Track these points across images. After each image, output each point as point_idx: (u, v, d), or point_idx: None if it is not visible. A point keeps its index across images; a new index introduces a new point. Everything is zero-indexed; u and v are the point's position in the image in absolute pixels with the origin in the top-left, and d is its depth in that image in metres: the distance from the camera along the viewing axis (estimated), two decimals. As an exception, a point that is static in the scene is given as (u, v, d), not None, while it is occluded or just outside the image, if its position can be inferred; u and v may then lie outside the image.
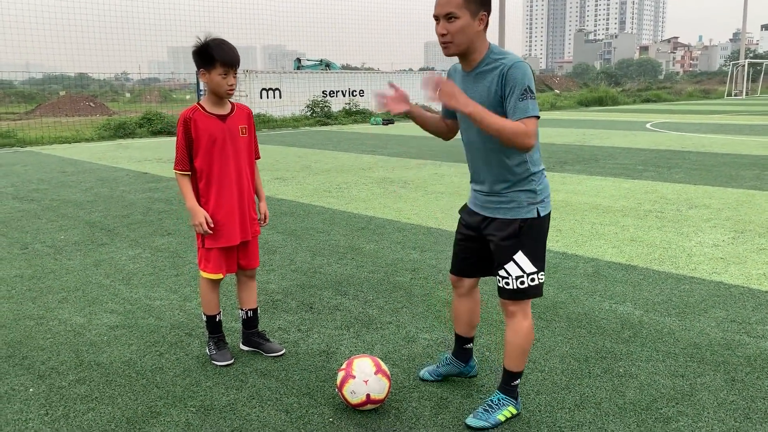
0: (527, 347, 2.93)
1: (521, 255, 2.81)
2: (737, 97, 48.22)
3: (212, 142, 3.40)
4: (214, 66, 3.29)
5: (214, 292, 3.63)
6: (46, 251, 6.17)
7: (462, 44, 2.69)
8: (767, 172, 10.36)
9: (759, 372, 3.38)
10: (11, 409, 3.12)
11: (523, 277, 2.83)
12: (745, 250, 5.76)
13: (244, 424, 2.96)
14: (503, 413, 2.91)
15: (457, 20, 2.63)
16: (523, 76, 2.59)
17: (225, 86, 3.34)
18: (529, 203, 2.80)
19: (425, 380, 3.34)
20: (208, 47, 3.29)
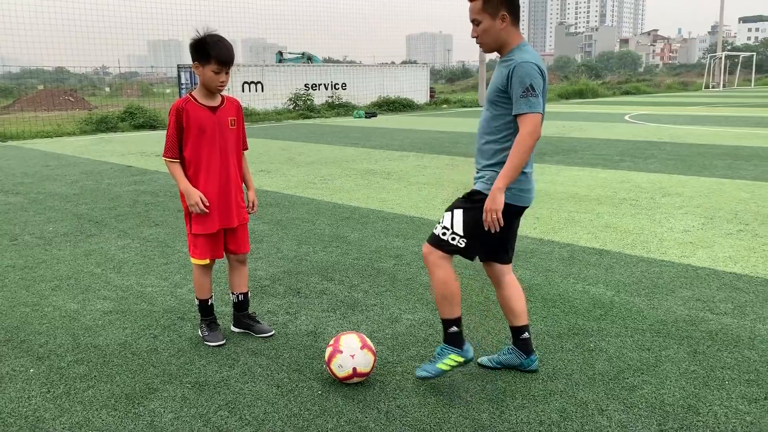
0: (446, 293, 3.10)
1: (459, 213, 3.08)
2: (715, 89, 48.95)
3: (202, 132, 3.55)
4: (208, 62, 3.44)
5: (206, 276, 3.80)
6: (36, 242, 6.28)
7: (490, 43, 3.00)
8: (739, 161, 10.69)
9: (719, 345, 3.62)
10: (14, 388, 3.27)
11: (447, 231, 3.08)
12: (714, 234, 6.03)
13: (237, 397, 3.14)
14: (445, 362, 3.14)
15: (481, 23, 2.97)
16: (524, 76, 2.84)
17: (216, 82, 3.49)
18: (493, 182, 3.01)
19: (483, 366, 3.38)
20: (205, 43, 3.43)
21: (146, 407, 3.05)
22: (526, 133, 2.87)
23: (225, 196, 3.66)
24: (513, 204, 3.07)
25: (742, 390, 3.11)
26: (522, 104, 2.85)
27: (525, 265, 5.14)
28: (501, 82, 2.95)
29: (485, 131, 3.09)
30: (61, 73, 47.21)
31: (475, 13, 2.97)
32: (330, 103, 27.22)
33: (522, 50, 2.96)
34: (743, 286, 4.60)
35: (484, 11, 2.94)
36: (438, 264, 3.11)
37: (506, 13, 2.93)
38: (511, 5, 2.94)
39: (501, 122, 3.00)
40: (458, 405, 3.03)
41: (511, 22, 2.96)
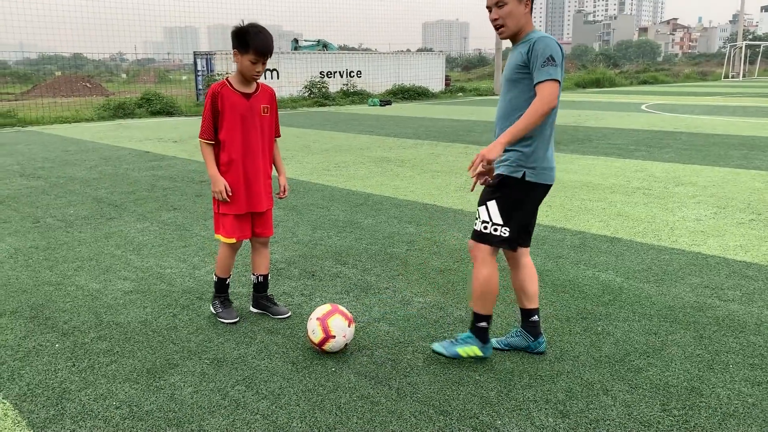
0: (486, 292, 3.20)
1: (494, 204, 3.11)
2: (734, 79, 48.37)
3: (235, 116, 3.67)
4: (247, 51, 3.55)
5: (231, 256, 3.94)
6: (58, 225, 6.44)
7: (513, 27, 3.04)
8: (754, 151, 10.64)
9: (725, 330, 3.69)
10: (40, 362, 3.41)
11: (487, 224, 3.13)
12: (725, 223, 6.06)
13: (254, 373, 3.26)
14: (465, 349, 3.26)
15: (506, 5, 3.00)
16: (545, 47, 2.91)
17: (253, 72, 3.61)
18: (518, 164, 3.06)
19: (492, 348, 3.42)
20: (246, 32, 3.55)
21: (167, 381, 3.18)
22: (541, 98, 2.88)
23: (254, 180, 3.79)
24: (541, 183, 3.12)
25: (746, 374, 3.18)
26: (542, 73, 2.89)
27: (536, 252, 5.21)
28: (520, 59, 3.00)
29: (506, 112, 3.12)
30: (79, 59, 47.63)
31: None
32: (345, 91, 27.27)
33: (537, 32, 3.04)
34: (753, 274, 4.65)
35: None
36: (486, 261, 3.18)
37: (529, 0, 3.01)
38: None
39: (523, 99, 3.03)
40: (467, 383, 3.12)
41: (530, 10, 3.05)
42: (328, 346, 3.39)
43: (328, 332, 3.37)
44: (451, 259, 5.08)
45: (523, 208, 3.15)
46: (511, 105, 3.08)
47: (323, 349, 3.41)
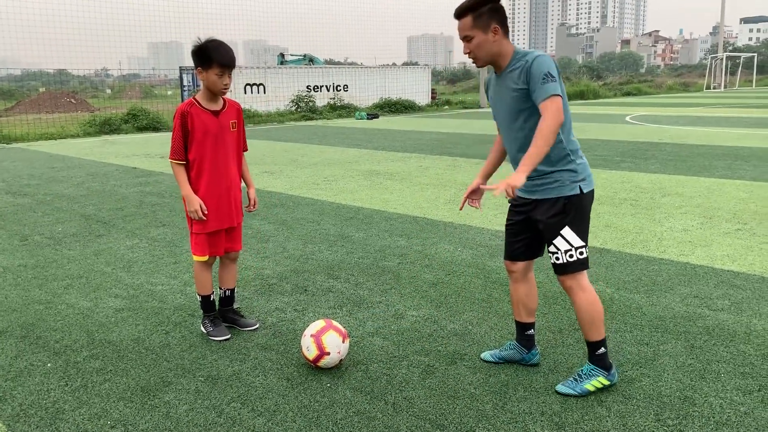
0: (595, 316, 3.11)
1: (568, 230, 3.05)
2: (716, 89, 49.03)
3: (205, 135, 3.69)
4: (211, 66, 3.57)
5: (206, 273, 3.94)
6: (46, 242, 6.40)
7: (484, 57, 3.01)
8: (738, 161, 10.79)
9: (716, 340, 3.73)
10: (33, 382, 3.38)
11: (572, 251, 3.05)
12: (712, 234, 6.13)
13: (249, 390, 3.25)
14: (592, 383, 3.11)
15: (473, 39, 2.98)
16: (540, 66, 2.86)
17: (220, 85, 3.63)
18: (572, 181, 3.03)
19: (486, 361, 3.47)
20: (206, 48, 3.57)
21: (161, 399, 3.17)
22: (548, 115, 2.83)
23: (225, 198, 3.81)
24: (591, 189, 3.10)
25: (737, 382, 3.22)
26: (541, 91, 2.85)
27: (527, 264, 5.24)
28: (521, 87, 2.94)
29: (522, 141, 3.05)
30: (63, 75, 47.38)
31: (466, 30, 2.98)
32: (332, 105, 27.35)
33: (524, 53, 2.98)
34: (740, 283, 4.71)
35: (475, 27, 2.95)
36: (583, 286, 3.12)
37: (497, 25, 2.96)
38: (500, 16, 2.97)
39: (534, 123, 2.97)
40: (462, 397, 3.13)
41: (503, 34, 2.98)
42: (322, 362, 3.40)
43: (322, 349, 3.37)
44: (443, 272, 5.10)
45: (587, 219, 3.13)
46: (527, 138, 3.00)
47: (318, 365, 3.42)
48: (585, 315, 3.13)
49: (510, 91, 3.01)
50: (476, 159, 11.96)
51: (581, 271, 3.11)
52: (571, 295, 3.15)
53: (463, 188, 8.85)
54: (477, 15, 2.94)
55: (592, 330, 3.14)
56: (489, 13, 2.95)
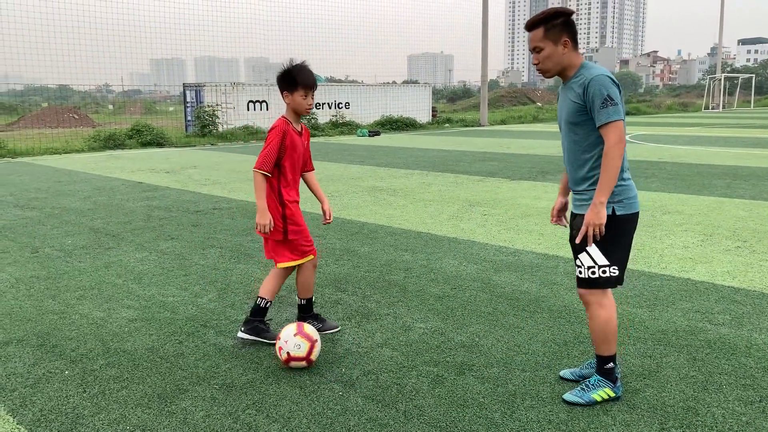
0: (608, 333, 3.17)
1: (595, 248, 3.07)
2: (714, 110, 49.38)
3: (294, 152, 3.97)
4: (296, 88, 3.84)
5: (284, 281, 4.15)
6: (57, 255, 6.49)
7: (552, 69, 3.10)
8: (737, 181, 10.92)
9: (717, 353, 3.82)
10: (51, 388, 3.47)
11: (594, 268, 3.09)
12: (713, 251, 6.24)
13: (264, 397, 3.33)
14: (599, 393, 3.19)
15: (543, 51, 3.06)
16: (600, 87, 2.94)
17: (305, 105, 3.90)
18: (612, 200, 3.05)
19: (565, 378, 3.46)
20: (291, 72, 3.84)
21: (178, 406, 3.25)
22: (613, 141, 2.92)
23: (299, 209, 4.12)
24: (630, 213, 3.12)
25: (739, 393, 3.31)
26: (603, 115, 2.93)
27: (531, 279, 5.35)
28: (578, 101, 3.03)
29: (574, 154, 3.15)
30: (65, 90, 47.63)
31: (537, 41, 3.05)
32: (334, 122, 27.57)
33: (588, 68, 3.05)
34: (741, 299, 4.80)
35: (547, 38, 3.03)
36: (602, 304, 3.17)
37: (568, 38, 3.03)
38: (571, 30, 3.04)
39: (592, 139, 3.06)
40: (472, 405, 3.22)
41: (573, 47, 3.05)
42: (315, 353, 3.62)
43: (311, 338, 3.63)
44: (448, 286, 5.20)
45: (621, 242, 3.11)
46: (578, 147, 3.12)
47: (311, 359, 3.60)
48: (599, 330, 3.20)
49: (569, 102, 3.09)
50: (478, 176, 12.10)
51: (603, 288, 3.14)
52: (588, 309, 3.22)
53: (466, 204, 8.96)
54: (549, 27, 3.03)
55: (604, 345, 3.23)
56: (561, 26, 3.03)
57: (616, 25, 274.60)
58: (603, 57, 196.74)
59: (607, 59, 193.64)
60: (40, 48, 31.86)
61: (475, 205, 8.97)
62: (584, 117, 3.04)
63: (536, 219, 7.83)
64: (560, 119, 3.24)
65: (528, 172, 12.57)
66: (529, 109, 41.38)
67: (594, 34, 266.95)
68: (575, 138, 3.12)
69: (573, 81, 3.09)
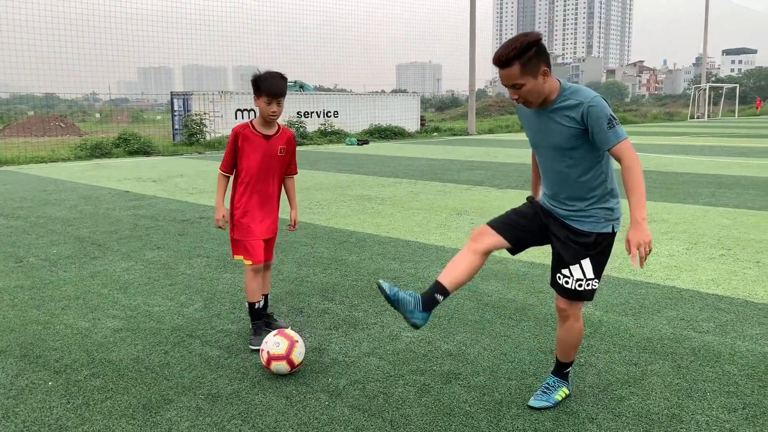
0: (577, 343, 3.30)
1: (588, 262, 3.07)
2: (699, 119, 49.87)
3: (254, 154, 4.07)
4: (260, 94, 3.96)
5: (257, 280, 4.19)
6: (41, 264, 6.44)
7: (536, 100, 2.94)
8: (722, 189, 11.03)
9: (702, 360, 3.85)
10: (35, 399, 3.43)
11: (582, 281, 3.09)
12: (697, 259, 6.29)
13: (249, 408, 3.32)
14: (559, 393, 3.32)
15: (524, 86, 2.86)
16: (602, 109, 2.84)
17: (268, 112, 4.00)
18: (607, 219, 3.07)
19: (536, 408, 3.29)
20: (258, 78, 3.96)
21: (163, 416, 3.23)
22: (631, 159, 2.85)
23: (267, 211, 4.18)
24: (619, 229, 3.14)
25: (723, 401, 3.33)
26: (612, 136, 2.84)
27: (518, 287, 5.37)
28: (573, 126, 2.91)
29: (571, 179, 3.04)
30: (51, 99, 47.31)
31: (515, 78, 2.85)
32: (322, 131, 27.58)
33: (574, 90, 2.93)
34: (725, 306, 4.85)
35: (525, 74, 2.83)
36: (578, 317, 3.23)
37: (546, 66, 2.87)
38: (546, 56, 2.87)
39: (588, 162, 2.99)
40: (458, 414, 3.22)
41: (550, 73, 2.91)
42: (295, 353, 3.62)
43: (290, 338, 3.65)
44: (436, 295, 5.20)
45: (609, 256, 3.16)
46: (573, 171, 3.02)
47: (291, 359, 3.61)
48: (571, 341, 3.29)
49: (560, 127, 2.95)
50: (466, 185, 12.14)
51: (584, 302, 3.20)
52: (565, 320, 3.24)
53: (453, 213, 8.99)
54: (525, 61, 2.82)
55: (570, 353, 3.35)
56: (537, 57, 2.83)
57: (603, 35, 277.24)
58: (590, 67, 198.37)
59: (593, 69, 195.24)
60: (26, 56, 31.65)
61: (463, 213, 9.00)
62: (581, 141, 2.94)
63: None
64: (541, 144, 3.10)
65: (515, 181, 12.63)
66: (517, 119, 41.44)
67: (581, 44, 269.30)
68: (570, 162, 3.00)
69: (559, 105, 2.94)
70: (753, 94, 78.44)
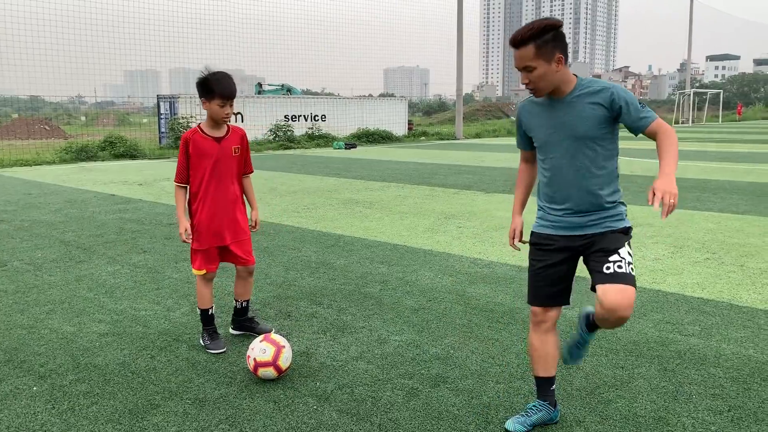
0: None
1: (627, 247, 2.94)
2: (684, 124, 50.33)
3: (205, 159, 3.93)
4: (213, 97, 3.80)
5: (206, 287, 4.14)
6: (26, 268, 6.38)
7: (545, 88, 2.84)
8: (706, 194, 11.14)
9: (687, 363, 3.88)
10: (19, 405, 3.39)
11: (632, 263, 2.92)
12: (683, 263, 6.34)
13: (236, 412, 3.30)
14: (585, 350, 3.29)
15: (535, 70, 2.78)
16: (628, 93, 2.84)
17: (222, 114, 3.87)
18: (624, 215, 3.02)
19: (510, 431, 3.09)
20: (208, 80, 3.80)
21: (150, 422, 3.20)
22: (670, 130, 2.79)
23: (222, 218, 4.03)
24: None
25: (708, 403, 3.36)
26: (648, 113, 2.80)
27: (505, 290, 5.38)
28: (601, 113, 2.84)
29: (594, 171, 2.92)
30: (36, 101, 46.90)
31: (528, 60, 2.77)
32: (310, 134, 27.55)
33: (593, 80, 2.89)
34: (710, 309, 4.89)
35: (539, 57, 2.76)
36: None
37: (561, 54, 2.79)
38: (563, 44, 2.81)
39: (608, 152, 2.93)
40: (446, 418, 3.22)
41: (565, 62, 2.82)
42: (282, 359, 3.60)
43: (277, 344, 3.63)
44: (424, 298, 5.21)
45: None
46: (593, 164, 2.90)
47: (278, 365, 3.59)
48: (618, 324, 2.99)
49: (586, 114, 2.85)
50: (454, 189, 12.17)
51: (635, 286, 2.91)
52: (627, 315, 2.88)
53: (441, 217, 9.00)
54: (540, 44, 2.75)
55: None
56: (553, 41, 2.77)
57: (588, 40, 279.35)
58: (576, 71, 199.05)
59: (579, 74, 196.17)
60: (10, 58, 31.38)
61: (451, 217, 9.02)
62: (607, 129, 2.86)
63: (510, 231, 7.88)
64: (558, 140, 2.93)
65: (502, 185, 12.68)
66: (504, 123, 41.80)
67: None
68: (591, 154, 2.88)
69: (581, 93, 2.86)
70: (736, 100, 79.32)
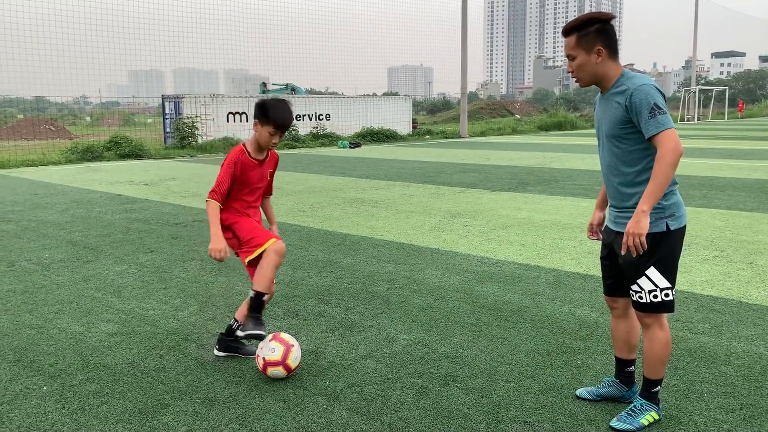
0: (665, 357, 3.04)
1: (653, 270, 2.91)
2: (689, 122, 50.16)
3: (248, 181, 3.87)
4: (267, 123, 3.72)
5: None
6: (34, 268, 6.39)
7: (586, 78, 2.95)
8: (713, 191, 11.09)
9: (698, 361, 3.86)
10: (29, 404, 3.40)
11: (656, 291, 2.92)
12: (691, 260, 6.31)
13: (246, 411, 3.30)
14: (646, 417, 3.06)
15: (576, 59, 2.93)
16: (646, 97, 2.77)
17: (270, 143, 3.79)
18: (657, 217, 2.89)
19: (582, 398, 3.34)
20: (268, 106, 3.72)
21: (160, 421, 3.21)
22: (667, 150, 2.73)
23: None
24: (682, 226, 2.99)
25: (720, 401, 3.34)
26: (652, 125, 2.76)
27: (513, 289, 5.37)
28: (620, 113, 2.88)
29: (618, 169, 2.98)
30: (41, 102, 47.05)
31: (570, 48, 2.93)
32: (314, 134, 27.56)
33: (630, 77, 2.90)
34: (719, 307, 4.87)
35: (579, 46, 2.89)
36: (662, 325, 3.03)
37: (602, 47, 2.87)
38: (607, 38, 2.88)
39: (637, 153, 2.92)
40: (456, 417, 3.22)
41: (608, 56, 2.90)
42: (291, 358, 3.60)
43: (286, 343, 3.63)
44: (432, 297, 5.20)
45: (676, 257, 2.99)
46: (620, 161, 2.96)
47: (287, 363, 3.59)
48: (656, 354, 3.04)
49: (611, 112, 2.94)
50: (459, 187, 12.15)
51: (666, 312, 3.00)
52: (649, 331, 3.05)
53: (447, 215, 8.99)
54: (582, 34, 2.89)
55: (657, 369, 3.08)
56: (596, 33, 2.88)
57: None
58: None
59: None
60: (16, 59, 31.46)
61: (457, 216, 9.00)
62: (627, 129, 2.89)
63: (517, 230, 7.88)
64: (599, 132, 3.09)
65: (508, 183, 12.65)
66: (508, 121, 41.72)
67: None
68: (616, 152, 2.96)
69: (613, 91, 2.94)
70: (742, 97, 79.02)
